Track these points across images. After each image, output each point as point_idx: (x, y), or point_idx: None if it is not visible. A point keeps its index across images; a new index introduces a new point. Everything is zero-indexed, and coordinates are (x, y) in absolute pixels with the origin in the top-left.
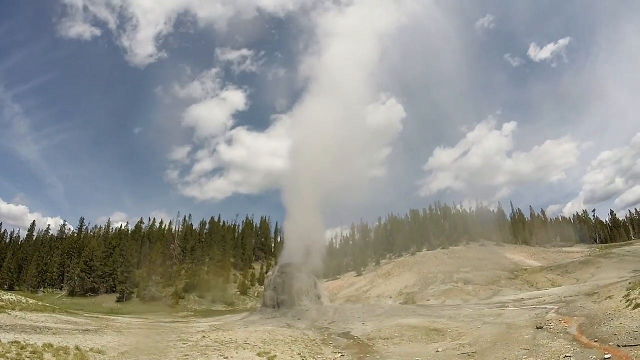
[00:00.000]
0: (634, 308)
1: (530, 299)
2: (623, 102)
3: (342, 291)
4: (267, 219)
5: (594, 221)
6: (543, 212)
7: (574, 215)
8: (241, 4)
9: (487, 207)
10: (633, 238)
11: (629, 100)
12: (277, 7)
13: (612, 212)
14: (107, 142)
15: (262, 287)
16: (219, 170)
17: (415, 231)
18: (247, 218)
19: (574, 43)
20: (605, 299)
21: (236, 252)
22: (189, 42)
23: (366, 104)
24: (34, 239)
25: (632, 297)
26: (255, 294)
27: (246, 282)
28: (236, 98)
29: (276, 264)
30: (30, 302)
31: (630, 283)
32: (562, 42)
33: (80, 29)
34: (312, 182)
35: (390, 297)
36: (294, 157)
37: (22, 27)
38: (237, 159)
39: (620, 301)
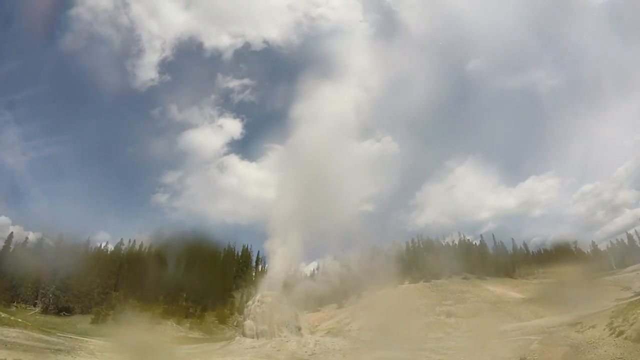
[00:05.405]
0: (618, 335)
1: (513, 330)
2: (604, 137)
3: (323, 323)
4: (249, 247)
5: (575, 252)
6: (525, 244)
7: (556, 247)
8: (250, 36)
9: (470, 240)
10: (614, 268)
11: (610, 136)
12: (284, 40)
13: (593, 243)
14: (97, 159)
15: (242, 316)
16: (208, 197)
17: (397, 263)
18: (228, 245)
19: (560, 83)
20: (589, 328)
21: (216, 280)
22: (192, 68)
23: (360, 141)
24: (10, 251)
25: (615, 324)
26: (234, 323)
27: (225, 310)
28: (233, 126)
29: (256, 293)
30: (3, 315)
31: (613, 311)
32: (550, 82)
33: (83, 44)
34: (298, 215)
35: (372, 330)
36: (280, 191)
37: (23, 34)
38: (227, 186)
39: (604, 329)
